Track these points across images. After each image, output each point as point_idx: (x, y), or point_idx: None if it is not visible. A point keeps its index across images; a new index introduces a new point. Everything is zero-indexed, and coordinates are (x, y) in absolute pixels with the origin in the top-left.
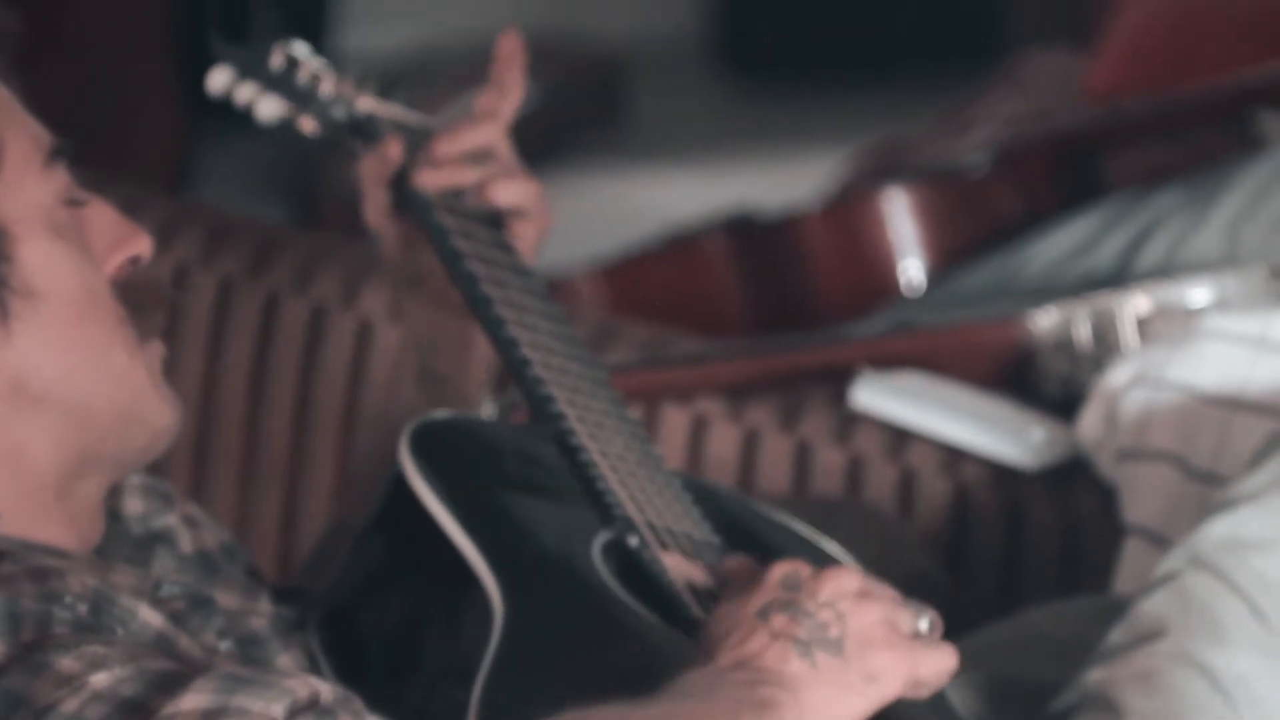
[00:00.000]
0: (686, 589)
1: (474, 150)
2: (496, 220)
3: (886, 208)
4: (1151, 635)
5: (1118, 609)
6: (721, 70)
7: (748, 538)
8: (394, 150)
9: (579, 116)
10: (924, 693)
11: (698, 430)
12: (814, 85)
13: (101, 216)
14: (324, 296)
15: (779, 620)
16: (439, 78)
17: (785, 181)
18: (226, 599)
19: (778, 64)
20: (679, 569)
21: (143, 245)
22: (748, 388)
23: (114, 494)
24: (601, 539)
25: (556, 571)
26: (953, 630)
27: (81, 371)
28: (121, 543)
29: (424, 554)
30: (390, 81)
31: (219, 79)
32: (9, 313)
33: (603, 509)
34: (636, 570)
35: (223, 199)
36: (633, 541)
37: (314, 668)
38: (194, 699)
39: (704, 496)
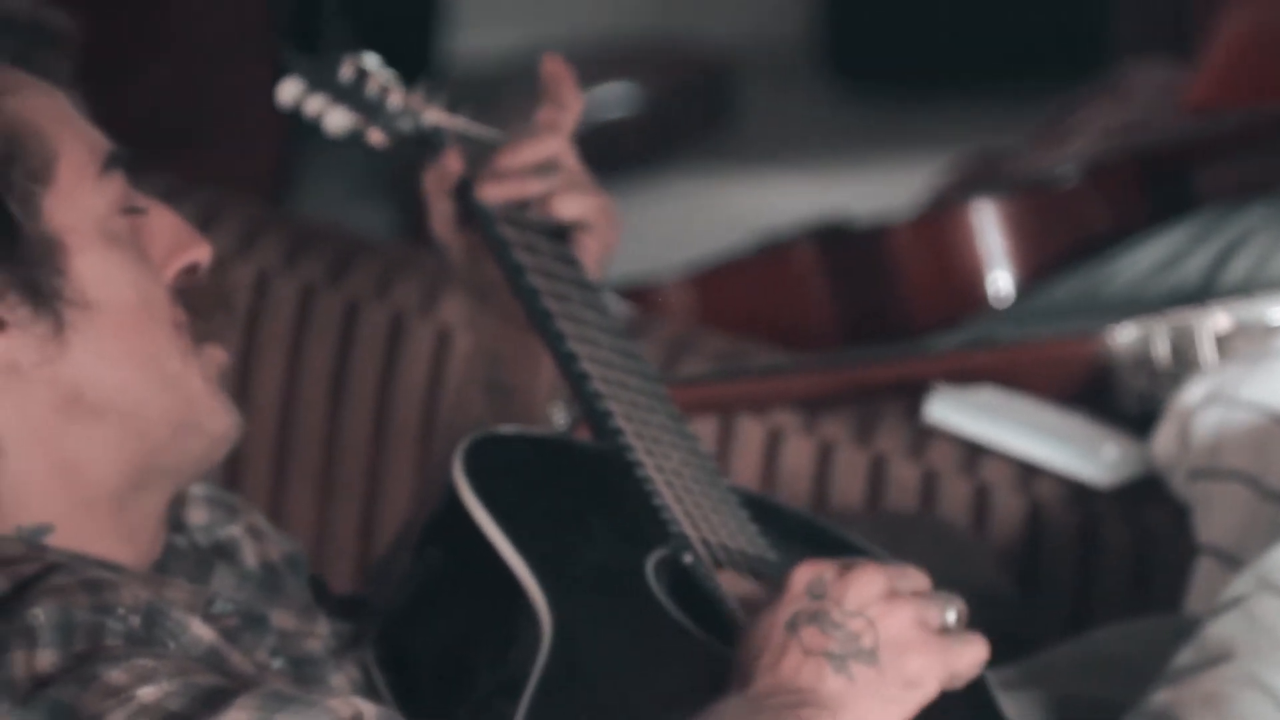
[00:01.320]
0: (740, 606)
1: (538, 163)
2: (560, 233)
3: (975, 220)
4: (1218, 658)
5: (1184, 629)
6: (828, 75)
7: (805, 553)
8: (453, 161)
9: (685, 121)
10: (959, 684)
11: (773, 443)
12: (919, 92)
13: (161, 223)
14: (403, 304)
15: (809, 634)
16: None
17: (890, 188)
18: (283, 619)
19: (884, 70)
20: (734, 586)
21: (202, 252)
22: (823, 401)
23: (178, 504)
24: (656, 555)
25: (607, 589)
26: (1023, 647)
27: (137, 381)
28: (183, 560)
29: (475, 570)
30: (459, 95)
31: (289, 91)
32: (64, 324)
33: (658, 525)
34: (691, 588)
35: (325, 205)
36: (687, 559)
37: (369, 684)
38: (236, 716)
39: (762, 512)
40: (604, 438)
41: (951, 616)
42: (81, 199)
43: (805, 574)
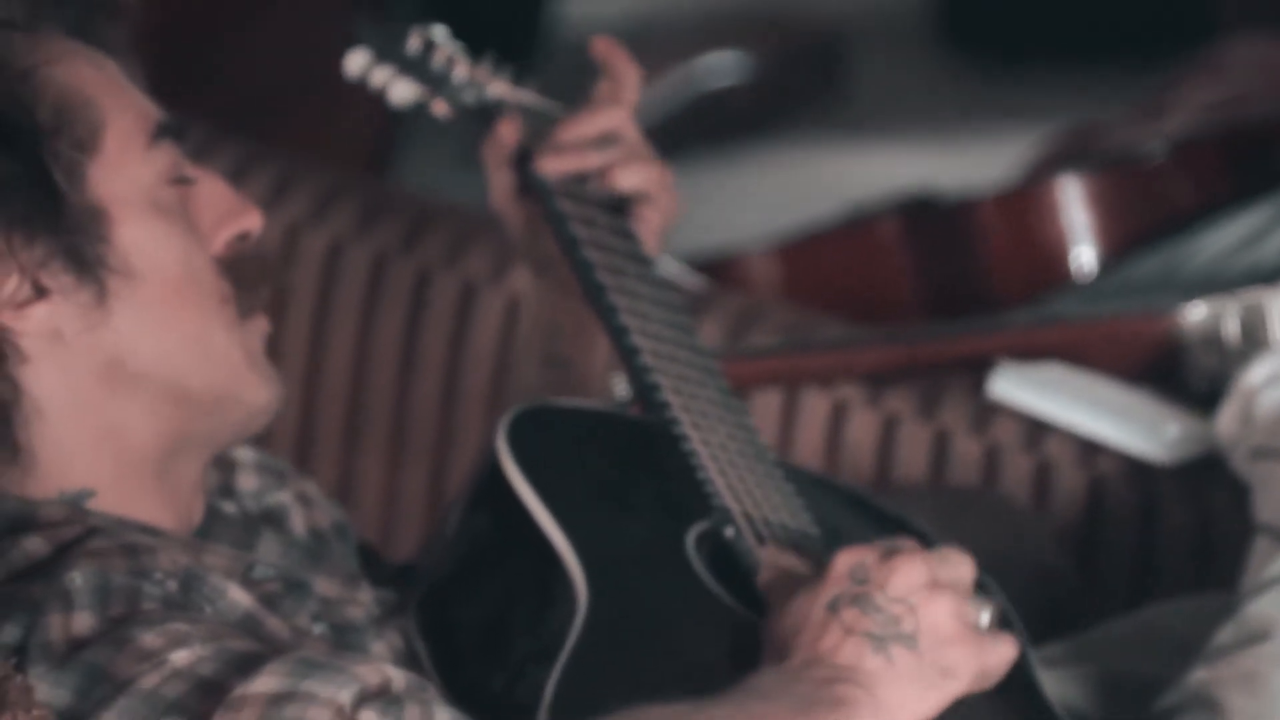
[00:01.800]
0: (779, 581)
1: (597, 135)
2: (618, 207)
3: (1060, 195)
4: (1258, 637)
5: (1233, 608)
6: (941, 45)
7: (851, 530)
8: (509, 132)
9: (795, 89)
10: (987, 684)
11: (837, 416)
12: (1032, 63)
13: (211, 192)
14: (474, 273)
15: (850, 614)
16: (661, 47)
17: (1000, 159)
18: (326, 586)
19: (997, 41)
20: (776, 560)
21: (252, 220)
22: (889, 375)
23: (228, 470)
24: (698, 529)
25: (645, 560)
26: (1078, 624)
27: (178, 351)
28: (229, 526)
29: (514, 539)
30: (524, 68)
31: (356, 62)
32: (106, 292)
33: (701, 498)
34: (732, 561)
35: (428, 175)
36: (729, 533)
37: (410, 652)
38: (265, 681)
39: (810, 488)
40: (652, 411)
41: (986, 617)
42: (129, 168)
43: (849, 558)
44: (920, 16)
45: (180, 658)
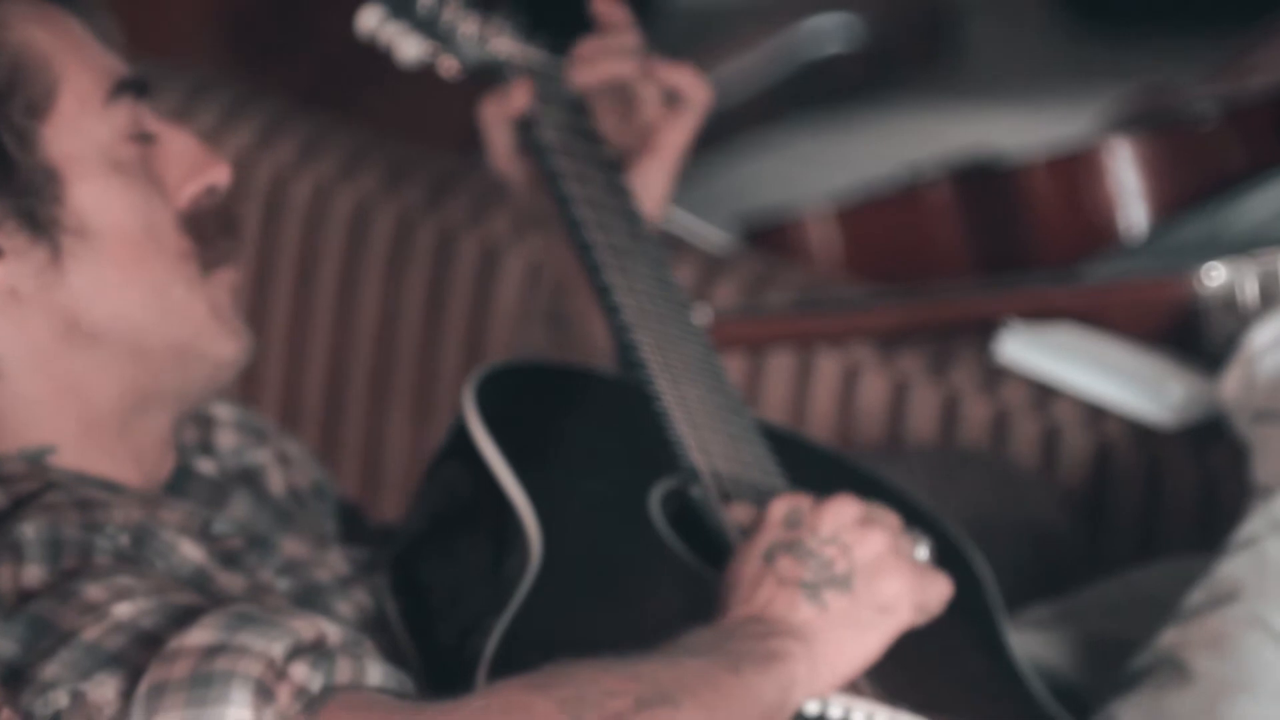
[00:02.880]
0: (742, 539)
1: (622, 48)
2: (615, 164)
3: (1109, 158)
4: (1226, 598)
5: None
6: (1058, 10)
7: (823, 488)
8: (520, 92)
9: (907, 54)
10: (926, 618)
11: (849, 378)
12: (1152, 29)
13: (176, 147)
14: (495, 233)
15: (784, 563)
16: (768, 11)
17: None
18: (294, 547)
19: (1118, 6)
20: (744, 518)
21: (219, 173)
22: (902, 335)
23: (206, 428)
24: (664, 486)
25: (605, 518)
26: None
27: (136, 308)
28: (200, 484)
29: (477, 495)
30: (534, 26)
31: (367, 18)
32: (61, 251)
33: (671, 457)
34: (699, 520)
35: None
36: (695, 490)
37: (378, 611)
38: (199, 634)
39: (788, 447)
40: (630, 369)
41: (923, 553)
42: (85, 127)
43: (781, 505)
44: None
45: (122, 611)
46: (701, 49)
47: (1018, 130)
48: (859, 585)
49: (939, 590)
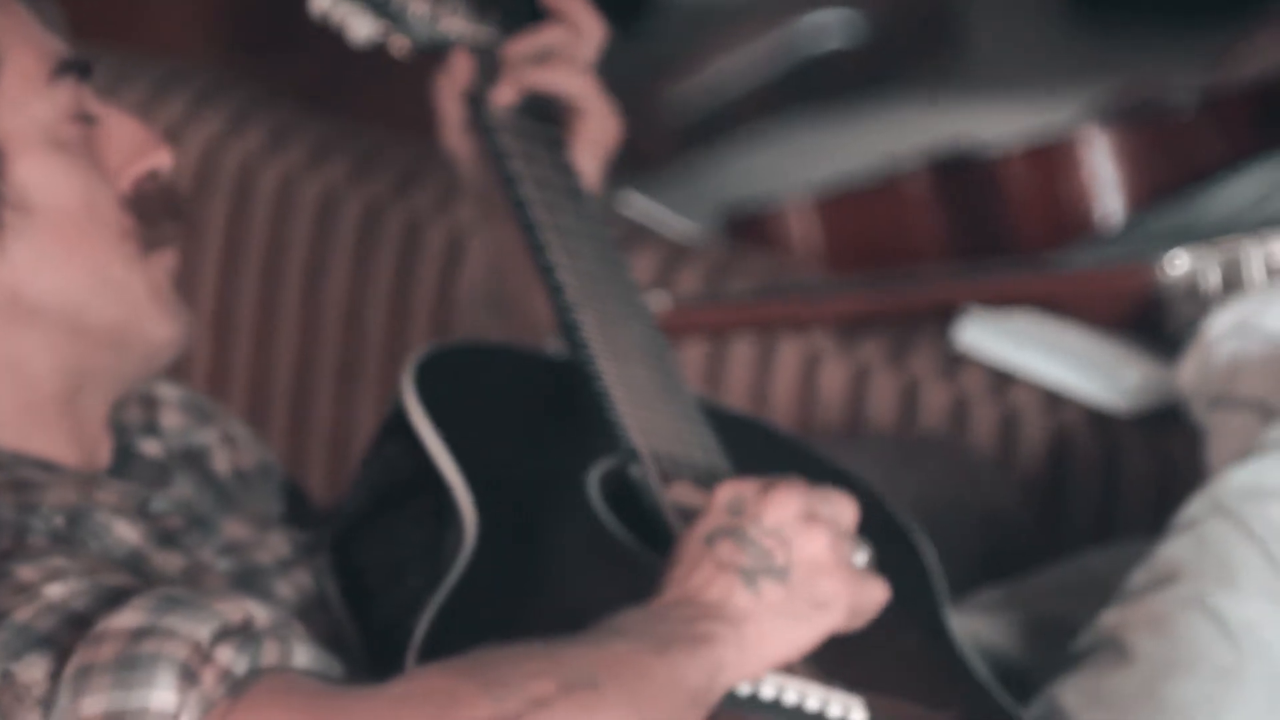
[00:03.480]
0: (681, 519)
1: (538, 50)
2: (560, 143)
3: (1085, 148)
4: (1167, 579)
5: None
6: (1061, 5)
7: (765, 469)
8: (460, 66)
9: (911, 44)
10: (858, 624)
11: (810, 364)
12: (1157, 25)
13: (120, 130)
14: (463, 221)
15: (724, 548)
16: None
17: None
18: (235, 529)
19: (1121, 1)
20: (687, 499)
21: (161, 157)
22: (863, 321)
23: (151, 408)
24: (603, 467)
25: (540, 498)
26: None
27: (75, 285)
28: (142, 465)
29: (414, 476)
30: (484, 3)
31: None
32: (3, 226)
33: (612, 437)
34: (638, 501)
35: None
36: (633, 471)
37: (319, 592)
38: (127, 616)
39: (734, 429)
40: (572, 350)
41: (861, 558)
42: (27, 105)
43: (727, 491)
44: None
45: (54, 591)
46: (700, 43)
47: (1016, 124)
48: (796, 579)
49: (874, 596)
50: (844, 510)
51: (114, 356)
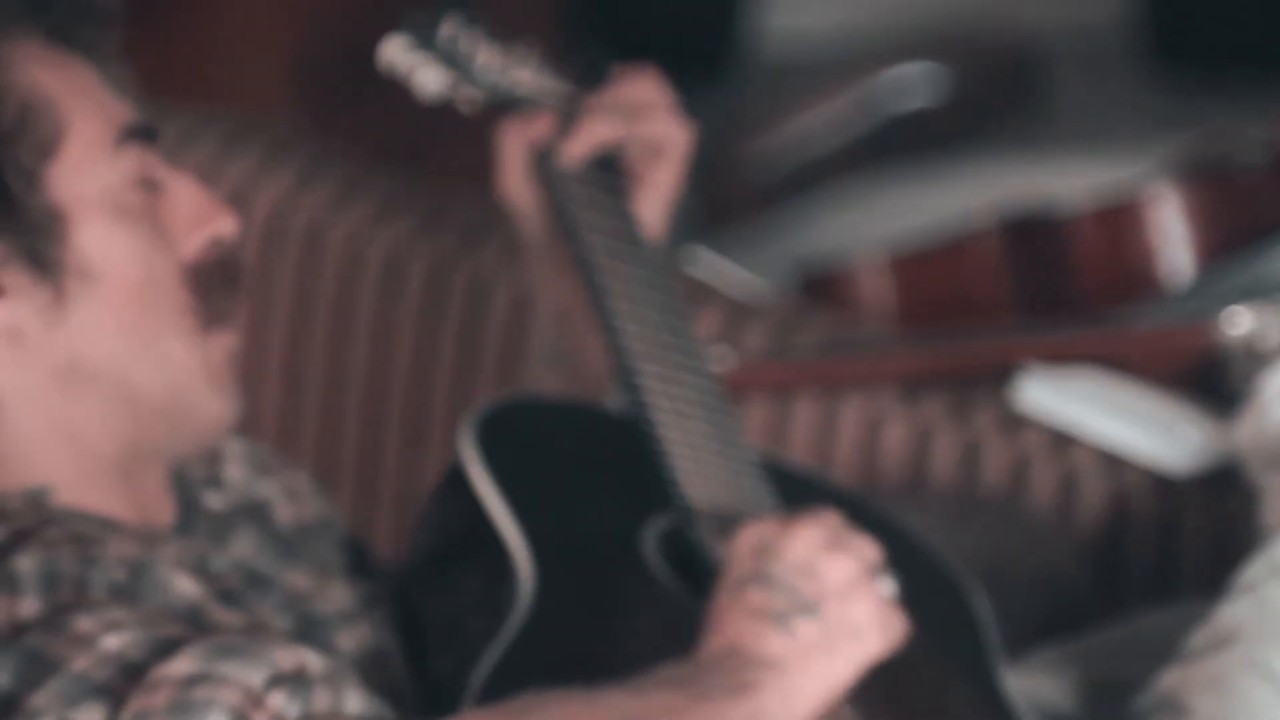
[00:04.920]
0: None
1: (623, 105)
2: (624, 198)
3: (1154, 206)
4: (1226, 641)
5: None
6: (1147, 60)
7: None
8: (544, 123)
9: (994, 101)
10: (889, 650)
11: (873, 423)
12: (1244, 78)
13: (184, 196)
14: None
15: (754, 595)
16: (853, 61)
17: None
18: (297, 580)
19: (1207, 55)
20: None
21: (226, 225)
22: (925, 378)
23: (214, 461)
24: (660, 522)
25: (597, 554)
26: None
27: (133, 356)
28: (205, 519)
29: (472, 531)
30: (551, 57)
31: (389, 51)
32: (64, 293)
33: (668, 491)
34: (693, 556)
35: None
36: (689, 525)
37: (379, 646)
38: (181, 663)
39: (791, 484)
40: (630, 401)
41: (888, 589)
42: (92, 171)
43: (749, 535)
44: (1123, 28)
45: (111, 642)
46: (780, 98)
47: (1096, 179)
48: (828, 610)
49: (901, 627)
50: (867, 549)
51: (167, 429)
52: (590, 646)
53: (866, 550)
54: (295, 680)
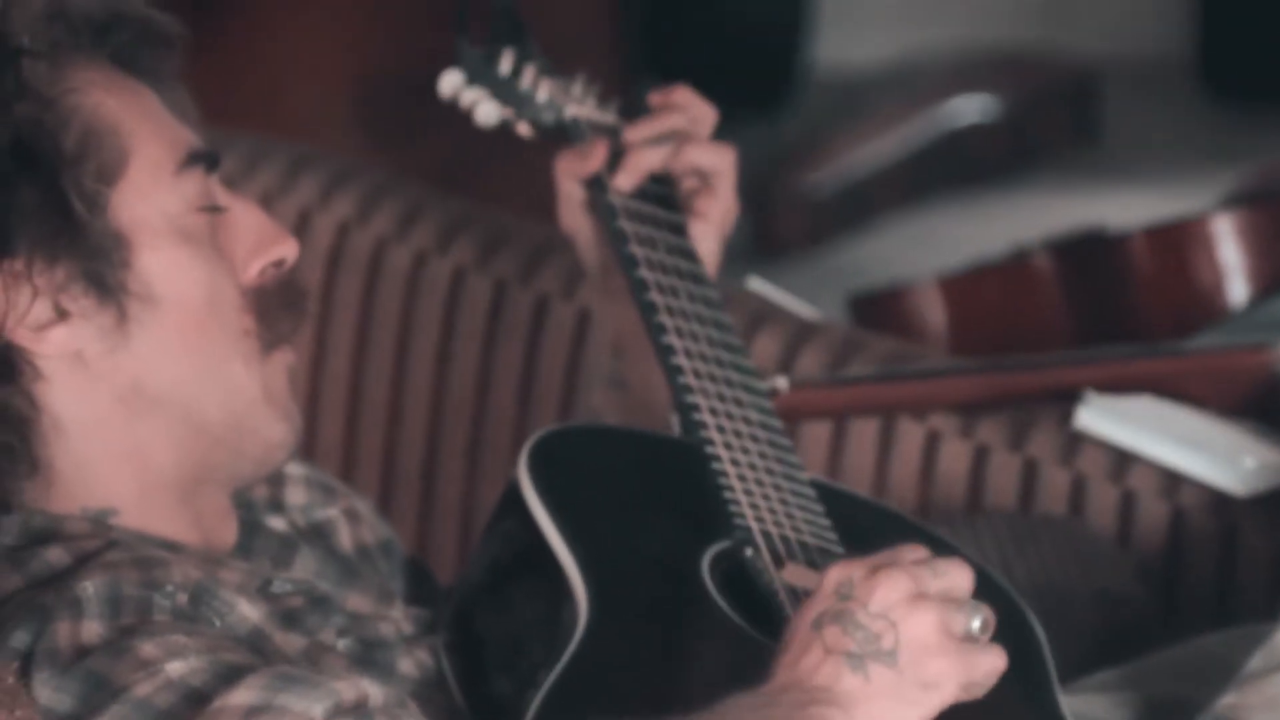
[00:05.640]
0: (793, 601)
1: (660, 134)
2: (680, 228)
3: (1210, 233)
4: None
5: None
6: (1198, 89)
7: (877, 550)
8: (597, 153)
9: (1047, 132)
10: (976, 694)
11: (930, 446)
12: None
13: (246, 221)
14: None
15: (831, 633)
16: (911, 90)
17: None
18: (358, 602)
19: (1258, 85)
20: (801, 580)
21: (287, 249)
22: (982, 404)
23: (277, 484)
24: (717, 548)
25: (655, 581)
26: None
27: (196, 379)
28: (268, 540)
29: (529, 557)
30: (608, 89)
31: (448, 83)
32: (127, 316)
33: (725, 518)
34: (750, 582)
35: None
36: (748, 552)
37: (438, 669)
38: (242, 694)
39: (850, 510)
40: (688, 430)
41: (976, 624)
42: (154, 195)
43: (835, 575)
44: (1176, 59)
45: (175, 668)
46: (837, 129)
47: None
48: (904, 661)
49: (990, 666)
50: (958, 578)
51: (230, 453)
52: (648, 671)
53: (958, 577)
54: (356, 712)
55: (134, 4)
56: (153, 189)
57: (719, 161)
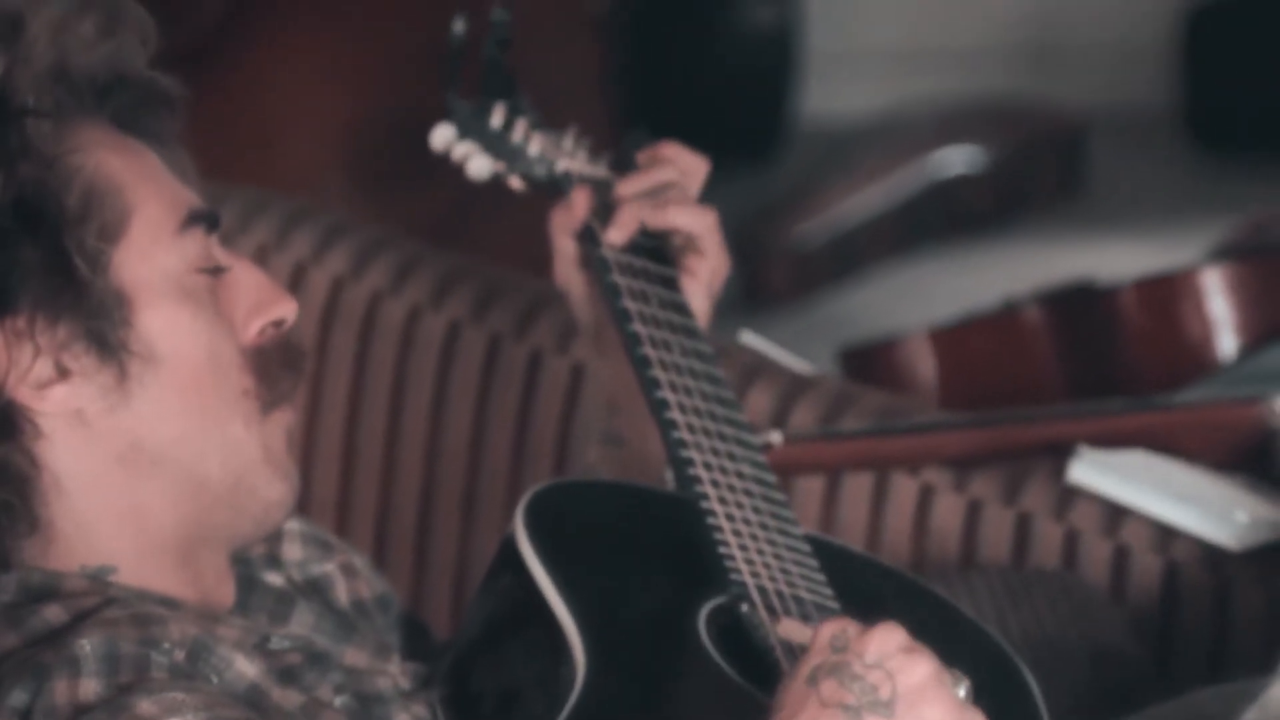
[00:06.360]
0: (789, 656)
1: (653, 189)
2: (673, 282)
3: (1198, 287)
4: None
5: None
6: (1186, 142)
7: (872, 604)
8: (580, 202)
9: (1035, 183)
10: None
11: (924, 500)
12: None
13: (245, 281)
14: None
15: (827, 687)
16: (898, 142)
17: None
18: (355, 657)
19: (1245, 138)
20: (791, 635)
21: (286, 309)
22: (975, 458)
23: (274, 540)
24: (712, 603)
25: (651, 636)
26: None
27: (194, 438)
28: (264, 596)
29: (525, 614)
30: (599, 143)
31: (440, 136)
32: (128, 375)
33: (720, 573)
34: (746, 637)
35: None
36: (743, 607)
37: None
38: None
39: (844, 565)
40: (682, 485)
41: (962, 691)
42: (156, 255)
43: (829, 628)
44: (1163, 110)
45: None
46: (827, 183)
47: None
48: (901, 711)
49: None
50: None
51: (229, 513)
52: None
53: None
54: None
55: (136, 66)
56: (154, 248)
57: (697, 224)
